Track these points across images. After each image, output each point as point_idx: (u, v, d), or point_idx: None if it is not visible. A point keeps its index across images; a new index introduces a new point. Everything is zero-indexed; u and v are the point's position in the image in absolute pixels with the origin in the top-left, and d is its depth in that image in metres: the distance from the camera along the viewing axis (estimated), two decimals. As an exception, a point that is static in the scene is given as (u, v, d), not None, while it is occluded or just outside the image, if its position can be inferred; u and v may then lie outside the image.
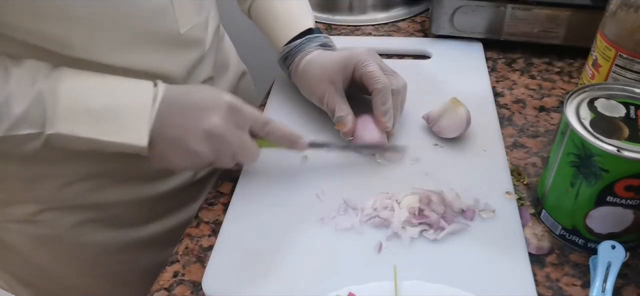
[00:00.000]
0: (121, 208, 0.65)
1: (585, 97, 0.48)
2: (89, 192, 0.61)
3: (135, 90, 0.50)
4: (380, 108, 0.58)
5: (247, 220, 0.53)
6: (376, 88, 0.57)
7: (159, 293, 0.49)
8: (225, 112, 0.50)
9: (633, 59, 0.54)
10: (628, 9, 0.54)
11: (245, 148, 0.52)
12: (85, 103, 0.48)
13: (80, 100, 0.48)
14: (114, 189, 0.63)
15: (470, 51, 0.78)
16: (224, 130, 0.50)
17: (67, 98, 0.47)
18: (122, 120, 0.49)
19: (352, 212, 0.52)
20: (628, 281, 0.47)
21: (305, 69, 0.63)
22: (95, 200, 0.63)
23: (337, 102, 0.59)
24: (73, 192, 0.61)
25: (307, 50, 0.64)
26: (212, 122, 0.50)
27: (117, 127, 0.49)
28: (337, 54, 0.63)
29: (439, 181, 0.55)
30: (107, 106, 0.49)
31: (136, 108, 0.49)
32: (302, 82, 0.65)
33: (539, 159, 0.60)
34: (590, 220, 0.47)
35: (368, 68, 0.58)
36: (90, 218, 0.64)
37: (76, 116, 0.48)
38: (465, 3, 0.76)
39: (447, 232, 0.49)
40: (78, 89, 0.48)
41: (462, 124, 0.59)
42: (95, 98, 0.49)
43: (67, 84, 0.48)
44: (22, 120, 0.46)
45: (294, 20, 0.67)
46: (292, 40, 0.65)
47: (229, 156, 0.52)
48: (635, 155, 0.42)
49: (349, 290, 0.45)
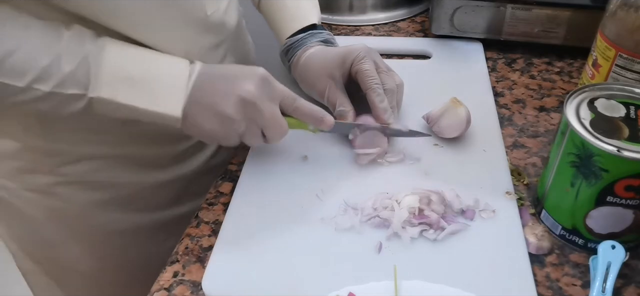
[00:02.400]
0: (135, 190, 0.67)
1: (585, 97, 0.48)
2: (105, 170, 0.63)
3: (174, 64, 0.52)
4: (378, 106, 0.58)
5: (247, 220, 0.53)
6: (370, 87, 0.58)
7: (159, 293, 0.49)
8: (259, 81, 0.52)
9: (633, 59, 0.54)
10: (628, 9, 0.54)
11: (276, 121, 0.53)
12: (127, 71, 0.50)
13: (122, 67, 0.50)
14: (130, 171, 0.65)
15: (470, 51, 0.78)
16: (257, 98, 0.51)
17: (110, 64, 0.49)
18: (159, 90, 0.51)
19: (352, 212, 0.52)
20: (628, 281, 0.47)
21: (306, 63, 0.64)
22: (110, 179, 0.64)
23: (338, 97, 0.60)
24: (89, 168, 0.63)
25: (309, 45, 0.65)
26: (246, 88, 0.51)
27: (155, 96, 0.51)
28: (337, 49, 0.63)
29: (439, 181, 0.55)
30: (147, 76, 0.51)
31: (173, 80, 0.51)
32: (302, 76, 0.65)
33: (539, 159, 0.60)
34: (590, 220, 0.47)
35: (363, 65, 0.59)
36: (103, 198, 0.66)
37: (117, 82, 0.50)
38: (465, 3, 0.76)
39: (447, 232, 0.49)
40: (121, 57, 0.50)
41: (462, 124, 0.59)
42: (136, 68, 0.51)
43: (112, 51, 0.50)
44: (69, 78, 0.48)
45: (299, 14, 0.68)
46: (295, 34, 0.66)
47: (258, 127, 0.53)
48: (635, 155, 0.42)
49: (349, 290, 0.45)
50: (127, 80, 0.50)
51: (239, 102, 0.51)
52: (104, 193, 0.65)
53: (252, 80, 0.51)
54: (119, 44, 0.51)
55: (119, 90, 0.50)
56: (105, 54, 0.49)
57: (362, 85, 0.59)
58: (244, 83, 0.51)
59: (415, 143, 0.60)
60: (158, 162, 0.67)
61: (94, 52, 0.49)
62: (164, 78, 0.51)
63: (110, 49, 0.50)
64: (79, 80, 0.49)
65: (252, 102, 0.51)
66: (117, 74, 0.50)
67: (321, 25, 0.68)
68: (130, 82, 0.50)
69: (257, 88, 0.51)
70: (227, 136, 0.53)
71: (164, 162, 0.67)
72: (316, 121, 0.56)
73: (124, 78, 0.50)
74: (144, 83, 0.50)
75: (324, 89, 0.61)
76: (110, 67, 0.49)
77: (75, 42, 0.49)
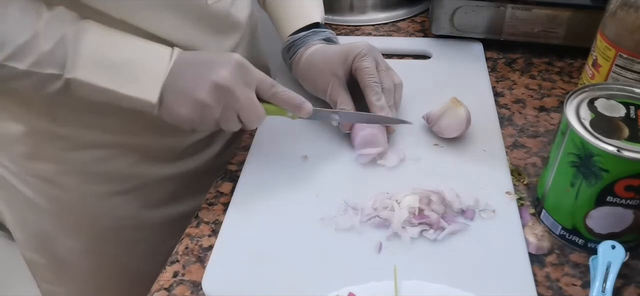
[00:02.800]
0: (136, 184, 0.67)
1: (585, 97, 0.48)
2: (108, 160, 0.63)
3: (153, 50, 0.52)
4: (375, 104, 0.58)
5: (248, 220, 0.53)
6: (368, 85, 0.58)
7: (158, 293, 0.49)
8: (235, 67, 0.52)
9: (633, 59, 0.54)
10: (628, 9, 0.54)
11: (251, 106, 0.53)
12: (105, 54, 0.50)
13: (100, 50, 0.50)
14: (133, 163, 0.65)
15: (470, 51, 0.78)
16: (232, 84, 0.51)
17: (88, 46, 0.50)
18: (136, 74, 0.51)
19: (352, 212, 0.52)
20: (628, 281, 0.47)
21: (308, 60, 0.64)
22: (113, 171, 0.65)
23: (340, 94, 0.60)
24: (93, 157, 0.63)
25: (310, 43, 0.65)
26: (221, 74, 0.51)
27: (131, 80, 0.51)
28: (339, 46, 0.63)
29: (439, 181, 0.55)
30: (125, 60, 0.51)
31: (151, 65, 0.51)
32: (304, 74, 0.65)
33: (539, 159, 0.60)
34: (590, 220, 0.47)
35: (363, 62, 0.59)
36: (105, 190, 0.66)
37: (95, 64, 0.50)
38: (465, 3, 0.76)
39: (447, 232, 0.49)
40: (100, 40, 0.50)
41: (462, 124, 0.59)
42: (115, 51, 0.51)
43: (91, 34, 0.50)
44: (46, 58, 0.48)
45: (302, 13, 0.68)
46: (297, 31, 0.66)
47: (234, 112, 0.53)
48: (635, 155, 0.42)
49: (349, 290, 0.45)
50: (105, 62, 0.50)
51: (213, 87, 0.51)
52: (106, 186, 0.66)
53: (227, 66, 0.51)
54: (101, 28, 0.51)
55: (95, 73, 0.50)
56: (84, 36, 0.49)
57: (361, 82, 0.59)
58: (219, 69, 0.51)
59: (415, 143, 0.60)
60: (162, 155, 0.67)
61: (73, 33, 0.49)
62: (142, 63, 0.51)
63: (90, 31, 0.50)
64: (56, 61, 0.49)
65: (227, 87, 0.51)
66: (94, 56, 0.50)
67: (324, 24, 0.68)
68: (107, 64, 0.50)
69: (231, 74, 0.51)
70: (203, 122, 0.53)
71: (168, 156, 0.68)
72: (294, 108, 0.55)
73: (102, 61, 0.50)
74: (122, 67, 0.50)
75: (327, 87, 0.61)
76: (88, 49, 0.49)
77: (55, 22, 0.49)
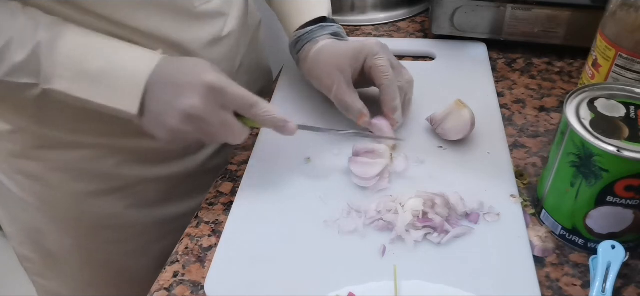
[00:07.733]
0: (123, 184, 0.66)
1: (585, 97, 0.48)
2: (98, 160, 0.63)
3: (132, 58, 0.50)
4: (389, 104, 0.58)
5: (250, 221, 0.53)
6: (384, 83, 0.58)
7: (158, 293, 0.49)
8: (206, 92, 0.48)
9: (633, 59, 0.54)
10: (628, 9, 0.54)
11: (228, 130, 0.51)
12: (82, 64, 0.48)
13: (77, 59, 0.48)
14: (119, 164, 0.64)
15: (474, 53, 0.77)
16: (203, 112, 0.49)
17: (63, 55, 0.48)
18: (115, 85, 0.49)
19: (356, 215, 0.52)
20: (628, 281, 0.47)
21: (315, 57, 0.63)
22: (99, 170, 0.64)
23: (347, 94, 0.59)
24: (83, 156, 0.62)
25: (318, 39, 0.64)
26: (190, 102, 0.48)
27: (111, 91, 0.49)
28: (349, 43, 0.62)
29: (443, 184, 0.54)
30: (103, 69, 0.49)
31: (131, 75, 0.49)
32: (311, 70, 0.64)
33: (539, 159, 0.60)
34: (590, 220, 0.47)
35: (378, 61, 0.58)
36: (92, 189, 0.65)
37: (72, 75, 0.48)
38: (465, 3, 0.76)
39: (452, 236, 0.49)
40: (77, 48, 0.48)
41: (466, 126, 0.58)
42: (92, 60, 0.49)
43: (67, 41, 0.48)
44: (20, 68, 0.47)
45: (308, 7, 0.67)
46: (304, 26, 0.65)
47: (210, 135, 0.51)
48: (635, 155, 0.42)
49: (349, 290, 0.45)
50: (82, 73, 0.48)
51: (183, 116, 0.49)
52: (92, 185, 0.65)
53: (197, 93, 0.48)
54: (77, 33, 0.49)
55: (72, 83, 0.48)
56: (59, 43, 0.47)
57: (377, 80, 0.58)
58: (189, 96, 0.48)
59: (419, 146, 0.60)
60: (149, 157, 0.66)
61: (48, 40, 0.47)
62: (121, 73, 0.49)
63: (66, 38, 0.48)
64: (30, 70, 0.47)
65: (197, 116, 0.48)
66: (71, 65, 0.48)
67: (331, 18, 0.67)
68: (85, 75, 0.48)
69: (202, 101, 0.48)
70: (183, 143, 0.52)
71: (155, 158, 0.66)
72: (277, 129, 0.54)
73: (79, 71, 0.48)
74: (100, 77, 0.48)
75: (332, 84, 0.60)
76: (63, 58, 0.47)
77: (29, 28, 0.47)
